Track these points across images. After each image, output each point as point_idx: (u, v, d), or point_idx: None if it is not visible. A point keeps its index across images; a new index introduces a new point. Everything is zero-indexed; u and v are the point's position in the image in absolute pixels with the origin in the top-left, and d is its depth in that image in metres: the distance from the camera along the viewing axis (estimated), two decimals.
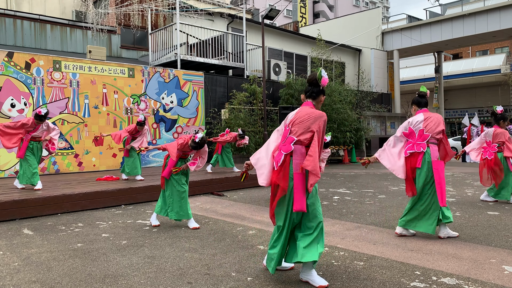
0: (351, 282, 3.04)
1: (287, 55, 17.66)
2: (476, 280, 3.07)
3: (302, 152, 3.02)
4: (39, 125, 6.72)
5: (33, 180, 6.69)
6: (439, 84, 22.37)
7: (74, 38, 15.11)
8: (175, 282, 3.08)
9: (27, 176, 6.70)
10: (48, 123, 6.86)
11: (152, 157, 11.20)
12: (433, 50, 22.49)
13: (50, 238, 4.50)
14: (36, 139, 6.79)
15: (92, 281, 3.13)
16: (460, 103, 31.69)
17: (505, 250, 3.82)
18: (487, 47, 35.83)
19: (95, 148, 10.28)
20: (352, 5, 54.53)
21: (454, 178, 9.97)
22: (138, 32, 16.43)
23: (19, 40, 13.93)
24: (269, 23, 18.66)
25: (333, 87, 14.99)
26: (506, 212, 5.62)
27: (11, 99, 9.14)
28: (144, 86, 11.22)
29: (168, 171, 4.90)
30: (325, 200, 6.92)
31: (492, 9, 18.60)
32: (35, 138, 6.76)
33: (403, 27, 21.53)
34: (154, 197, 6.95)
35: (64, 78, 9.84)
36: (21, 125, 6.63)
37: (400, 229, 4.38)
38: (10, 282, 3.13)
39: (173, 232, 4.71)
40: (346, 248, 3.96)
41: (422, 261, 3.51)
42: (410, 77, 31.64)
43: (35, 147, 6.80)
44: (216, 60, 14.18)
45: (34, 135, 6.73)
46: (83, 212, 6.02)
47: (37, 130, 6.73)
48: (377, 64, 21.36)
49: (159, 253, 3.84)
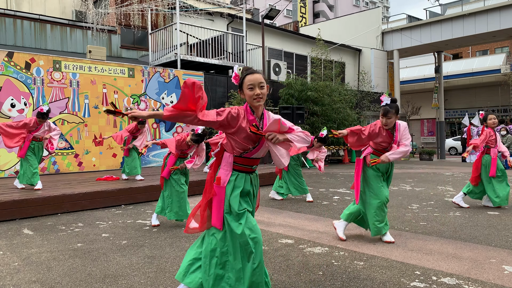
0: (351, 282, 3.04)
1: (287, 55, 17.66)
2: (476, 280, 3.07)
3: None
4: (41, 124, 6.73)
5: (33, 180, 6.69)
6: (439, 84, 22.35)
7: (74, 38, 15.11)
8: (175, 282, 3.07)
9: (28, 176, 6.71)
10: (50, 123, 6.88)
11: (152, 157, 11.20)
12: (433, 50, 22.47)
13: (50, 238, 4.50)
14: (37, 139, 6.80)
15: (92, 281, 3.13)
16: (460, 103, 31.68)
17: (505, 250, 3.82)
18: (487, 47, 35.82)
19: (95, 148, 10.28)
20: (352, 5, 54.53)
21: (454, 178, 9.98)
22: (138, 32, 16.43)
23: (19, 40, 13.93)
24: (269, 23, 18.66)
25: (333, 87, 14.99)
26: (506, 212, 5.63)
27: (11, 99, 9.14)
28: (144, 86, 11.22)
29: (167, 171, 4.91)
30: (325, 200, 6.92)
31: (492, 9, 18.58)
32: (36, 138, 6.78)
33: (403, 27, 21.51)
34: (154, 197, 6.95)
35: (64, 78, 9.84)
36: (23, 125, 6.65)
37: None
38: (10, 282, 3.13)
39: (173, 232, 4.71)
40: (346, 248, 3.96)
41: (422, 261, 3.51)
42: (410, 77, 31.64)
43: (36, 147, 6.82)
44: (216, 60, 14.17)
45: (36, 135, 6.75)
46: (83, 212, 6.02)
47: (39, 130, 6.74)
48: (377, 64, 21.35)
49: (159, 253, 3.84)
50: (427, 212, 5.68)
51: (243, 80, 2.49)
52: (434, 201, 6.60)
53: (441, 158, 20.57)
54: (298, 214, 5.72)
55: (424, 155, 18.23)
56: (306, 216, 5.53)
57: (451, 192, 7.59)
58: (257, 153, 2.55)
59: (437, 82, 22.34)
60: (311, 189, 8.20)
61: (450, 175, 10.80)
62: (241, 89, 2.52)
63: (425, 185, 8.59)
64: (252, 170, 2.59)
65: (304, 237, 4.40)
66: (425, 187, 8.36)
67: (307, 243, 4.15)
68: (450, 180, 9.53)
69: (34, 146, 6.79)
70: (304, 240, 4.25)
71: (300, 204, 6.56)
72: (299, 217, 5.50)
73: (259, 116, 2.53)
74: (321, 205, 6.43)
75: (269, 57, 16.20)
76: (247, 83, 2.46)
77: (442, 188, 8.18)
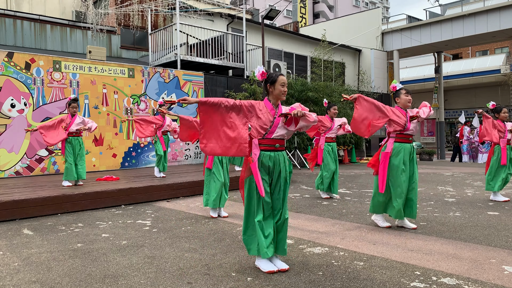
0: (351, 282, 3.04)
1: (287, 55, 17.66)
2: (476, 280, 3.07)
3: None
4: (74, 117, 7.05)
5: (80, 175, 7.16)
6: (439, 84, 22.36)
7: (74, 38, 15.11)
8: (175, 282, 3.08)
9: (72, 173, 7.07)
10: (82, 118, 7.24)
11: (152, 157, 11.20)
12: (433, 50, 22.49)
13: (50, 238, 4.50)
14: (73, 134, 7.10)
15: (92, 281, 3.13)
16: (460, 103, 31.70)
17: (505, 250, 3.82)
18: (487, 47, 35.83)
19: (95, 148, 10.28)
20: (352, 5, 54.54)
21: (454, 178, 9.98)
22: (138, 32, 16.43)
23: (19, 40, 13.93)
24: (269, 23, 18.66)
25: (333, 87, 14.99)
26: (506, 212, 5.63)
27: (11, 99, 9.14)
28: (144, 86, 11.22)
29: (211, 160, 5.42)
30: (325, 200, 6.92)
31: (492, 9, 18.59)
32: (72, 133, 7.08)
33: (403, 27, 21.52)
34: (154, 197, 6.95)
35: (64, 78, 9.84)
36: (59, 122, 7.00)
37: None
38: (10, 282, 3.13)
39: (173, 232, 4.71)
40: (346, 248, 3.96)
41: (422, 261, 3.51)
42: (410, 77, 31.65)
43: (73, 142, 7.13)
44: (216, 60, 14.18)
45: (72, 130, 7.05)
46: (83, 212, 6.02)
47: (72, 124, 7.02)
48: (377, 64, 21.35)
49: (159, 253, 3.84)
50: (427, 212, 5.68)
51: (277, 78, 3.27)
52: (434, 201, 6.60)
53: (441, 158, 20.58)
54: (298, 214, 5.72)
55: (424, 155, 18.23)
56: (306, 216, 5.53)
57: (451, 192, 7.60)
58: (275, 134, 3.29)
59: (437, 83, 22.35)
60: (311, 189, 8.21)
61: (450, 175, 10.80)
62: (272, 84, 3.28)
63: (425, 185, 8.59)
64: (275, 148, 3.32)
65: (304, 237, 4.40)
66: (425, 187, 8.36)
67: (307, 243, 4.15)
68: (450, 180, 9.53)
69: (72, 142, 7.11)
70: (304, 240, 4.25)
71: (300, 204, 6.56)
72: (299, 217, 5.50)
73: (276, 105, 3.34)
74: (321, 205, 6.43)
75: (269, 57, 16.20)
76: (281, 81, 3.28)
77: (442, 188, 8.18)
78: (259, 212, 3.28)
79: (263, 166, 3.28)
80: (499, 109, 6.56)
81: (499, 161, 6.49)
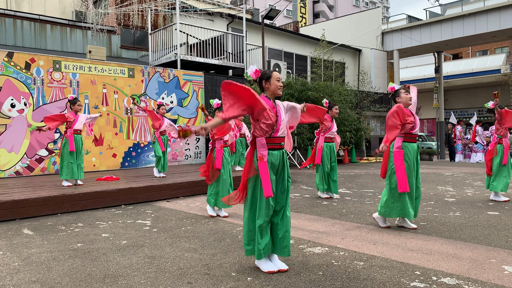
0: (351, 282, 3.04)
1: (287, 55, 17.66)
2: (476, 280, 3.07)
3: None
4: (77, 115, 7.13)
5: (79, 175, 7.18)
6: (439, 84, 22.35)
7: (74, 38, 15.11)
8: (175, 282, 3.08)
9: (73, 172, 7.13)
10: (85, 115, 7.33)
11: (152, 157, 11.19)
12: (433, 50, 22.49)
13: (50, 238, 4.50)
14: (77, 132, 7.17)
15: (92, 281, 3.13)
16: (460, 103, 31.70)
17: (505, 250, 3.82)
18: (487, 47, 35.83)
19: (95, 148, 10.29)
20: (352, 5, 54.55)
21: (454, 178, 9.98)
22: (138, 32, 16.43)
23: (19, 40, 13.93)
24: (269, 23, 18.66)
25: (333, 87, 14.98)
26: (506, 212, 5.63)
27: (11, 99, 9.14)
28: (144, 86, 11.22)
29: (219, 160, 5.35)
30: (325, 200, 6.92)
31: (492, 9, 18.59)
32: (76, 131, 7.16)
33: (403, 27, 21.52)
34: (154, 197, 6.95)
35: (64, 78, 9.84)
36: (61, 115, 7.19)
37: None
38: (10, 282, 3.13)
39: (173, 232, 4.71)
40: (346, 248, 3.96)
41: (422, 261, 3.51)
42: (410, 77, 31.65)
43: (76, 140, 7.17)
44: (216, 60, 14.17)
45: (76, 128, 7.12)
46: (83, 212, 6.02)
47: (77, 122, 7.10)
48: (377, 64, 21.35)
49: (159, 253, 3.84)
50: (427, 212, 5.68)
51: (271, 74, 3.39)
52: (434, 201, 6.60)
53: (441, 158, 20.57)
54: (298, 214, 5.72)
55: (424, 155, 18.23)
56: (306, 216, 5.53)
57: (451, 192, 7.60)
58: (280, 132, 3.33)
59: (437, 82, 22.34)
60: (311, 189, 8.20)
61: (450, 175, 10.80)
62: (267, 80, 3.38)
63: (425, 185, 8.59)
64: (280, 146, 3.37)
65: (304, 237, 4.40)
66: (425, 187, 8.36)
67: (307, 243, 4.15)
68: (450, 180, 9.53)
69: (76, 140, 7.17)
70: (304, 240, 4.25)
71: (300, 204, 6.56)
72: (299, 217, 5.50)
73: (273, 100, 3.43)
74: (321, 205, 6.43)
75: (269, 57, 16.20)
76: (276, 77, 3.39)
77: (442, 188, 8.18)
78: (261, 215, 3.23)
79: (273, 166, 3.28)
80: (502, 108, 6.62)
81: (501, 160, 6.48)
